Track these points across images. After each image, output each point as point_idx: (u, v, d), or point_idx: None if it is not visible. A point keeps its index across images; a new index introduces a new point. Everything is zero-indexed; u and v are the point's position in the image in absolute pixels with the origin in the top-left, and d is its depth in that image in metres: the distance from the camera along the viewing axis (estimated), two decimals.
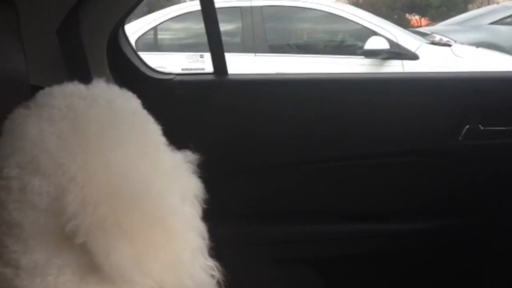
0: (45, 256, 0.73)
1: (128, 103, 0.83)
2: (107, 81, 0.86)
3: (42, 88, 0.83)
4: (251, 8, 5.42)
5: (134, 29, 5.25)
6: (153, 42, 5.66)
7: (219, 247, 0.87)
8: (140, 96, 0.86)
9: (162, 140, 0.85)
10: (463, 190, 1.88)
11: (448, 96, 1.85)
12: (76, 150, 0.73)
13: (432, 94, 1.86)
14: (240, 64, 4.80)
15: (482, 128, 1.80)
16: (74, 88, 0.81)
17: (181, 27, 5.77)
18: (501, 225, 1.73)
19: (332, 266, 1.90)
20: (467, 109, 1.82)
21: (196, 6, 1.90)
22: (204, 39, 1.86)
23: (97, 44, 1.68)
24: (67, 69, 1.55)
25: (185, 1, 6.99)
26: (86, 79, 0.84)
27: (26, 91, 1.00)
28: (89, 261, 0.72)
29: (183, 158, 0.87)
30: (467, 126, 1.80)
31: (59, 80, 0.83)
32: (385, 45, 5.08)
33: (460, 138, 1.81)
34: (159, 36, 5.71)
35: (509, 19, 6.76)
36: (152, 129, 0.84)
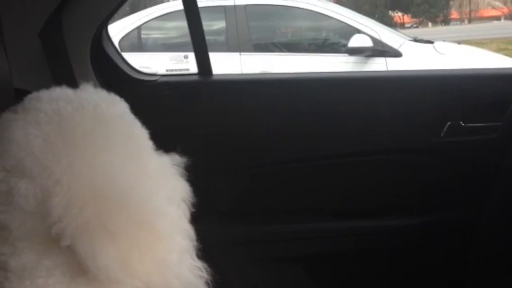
0: (34, 258, 0.73)
1: (114, 107, 0.83)
2: (92, 83, 0.86)
3: (26, 91, 0.83)
4: (235, 7, 5.42)
5: (118, 29, 5.22)
6: (137, 42, 5.63)
7: (208, 247, 0.88)
8: (125, 98, 0.87)
9: (148, 143, 0.86)
10: (448, 186, 1.91)
11: (430, 94, 1.87)
12: (61, 153, 0.74)
13: (413, 92, 1.89)
14: (225, 63, 4.80)
15: (463, 124, 1.83)
16: (61, 92, 0.81)
17: (165, 26, 5.75)
18: (486, 219, 1.76)
19: (322, 264, 1.92)
20: (448, 106, 1.84)
21: (180, 5, 1.89)
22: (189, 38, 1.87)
23: (81, 46, 1.68)
24: (51, 72, 1.54)
25: (168, 1, 6.96)
26: (70, 82, 0.85)
27: (10, 95, 1.00)
28: (78, 262, 0.72)
29: (170, 161, 0.88)
30: (449, 123, 1.83)
31: (43, 83, 0.84)
32: (369, 43, 5.11)
33: (442, 135, 1.84)
34: (143, 36, 5.69)
35: None
36: (138, 133, 0.85)
